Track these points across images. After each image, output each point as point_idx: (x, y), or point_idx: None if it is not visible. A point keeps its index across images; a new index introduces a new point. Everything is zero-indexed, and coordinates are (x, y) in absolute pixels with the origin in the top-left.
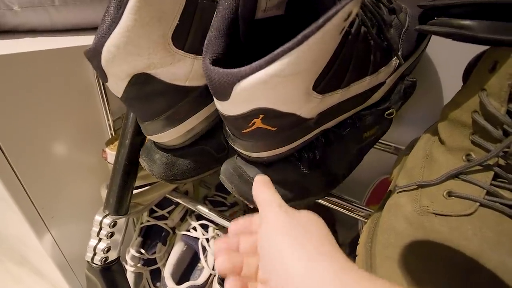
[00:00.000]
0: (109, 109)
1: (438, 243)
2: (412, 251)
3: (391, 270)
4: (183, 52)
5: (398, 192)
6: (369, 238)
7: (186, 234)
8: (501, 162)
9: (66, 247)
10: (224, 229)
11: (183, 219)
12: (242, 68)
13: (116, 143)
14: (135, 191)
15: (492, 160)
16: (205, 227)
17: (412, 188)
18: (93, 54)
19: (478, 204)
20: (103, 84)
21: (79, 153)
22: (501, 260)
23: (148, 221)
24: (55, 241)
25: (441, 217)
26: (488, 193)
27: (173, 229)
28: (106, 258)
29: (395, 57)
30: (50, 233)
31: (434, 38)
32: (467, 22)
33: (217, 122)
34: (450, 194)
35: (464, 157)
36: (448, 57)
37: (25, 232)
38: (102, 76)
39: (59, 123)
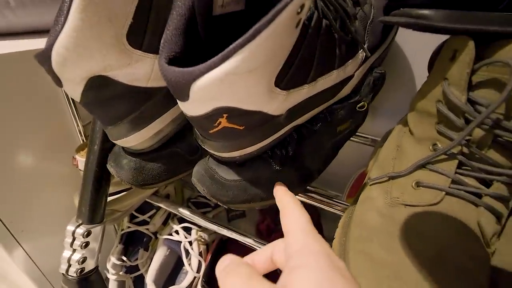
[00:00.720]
0: (78, 114)
1: (407, 234)
2: (383, 244)
3: (363, 264)
4: (141, 52)
5: (370, 185)
6: (343, 232)
7: (168, 238)
8: (465, 150)
9: (41, 260)
10: (207, 231)
11: (165, 223)
12: (197, 67)
13: (86, 149)
14: (111, 198)
15: (455, 148)
16: (187, 230)
17: (383, 180)
18: (43, 58)
19: (444, 193)
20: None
21: (48, 162)
22: (468, 247)
23: (129, 227)
24: (28, 255)
25: (410, 208)
26: (453, 181)
27: (155, 233)
28: (82, 269)
29: (362, 49)
30: (22, 247)
31: (404, 29)
32: (425, 12)
33: (187, 123)
34: (418, 184)
35: (431, 147)
36: (422, 48)
37: None
38: (55, 80)
39: (25, 132)
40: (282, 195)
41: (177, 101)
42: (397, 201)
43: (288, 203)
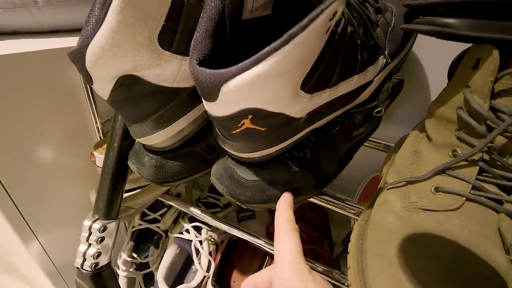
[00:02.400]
0: (97, 112)
1: (426, 238)
2: (401, 247)
3: (381, 267)
4: (169, 53)
5: (387, 189)
6: (360, 235)
7: (179, 237)
8: (486, 157)
9: (55, 253)
10: (217, 231)
11: (175, 222)
12: (229, 69)
13: (105, 146)
14: (125, 195)
15: (477, 155)
16: (198, 229)
17: (401, 185)
18: (77, 56)
19: (464, 198)
20: (90, 86)
21: (66, 157)
22: (487, 253)
23: (140, 224)
24: (43, 248)
25: (429, 213)
26: (474, 187)
27: (166, 232)
28: (97, 263)
29: (382, 56)
30: (38, 240)
31: (420, 36)
32: (449, 20)
33: (207, 123)
34: (437, 189)
35: (450, 153)
36: (436, 55)
37: (11, 239)
38: (87, 78)
39: (45, 127)
40: (281, 214)
41: (203, 101)
42: (415, 206)
43: (283, 227)
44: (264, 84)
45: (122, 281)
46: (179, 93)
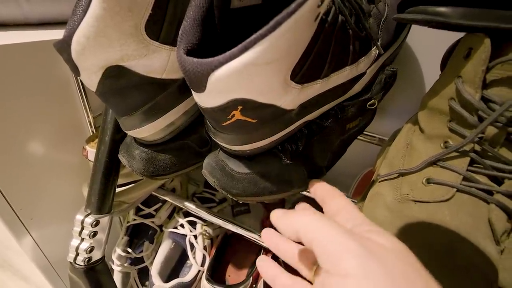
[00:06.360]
0: (89, 106)
1: (417, 229)
2: None
3: None
4: (158, 43)
5: (379, 182)
6: None
7: (173, 232)
8: (477, 148)
9: (48, 248)
10: (212, 225)
11: (170, 217)
12: (216, 58)
13: (97, 140)
14: (119, 189)
15: (468, 146)
16: (193, 224)
17: (393, 177)
18: (63, 46)
19: (455, 189)
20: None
21: (58, 152)
22: (477, 244)
23: (135, 219)
24: (36, 243)
25: (420, 204)
26: (465, 178)
27: (161, 227)
28: (90, 258)
29: (375, 47)
30: (30, 234)
31: (414, 28)
32: (441, 9)
33: (199, 115)
34: (429, 181)
35: (442, 144)
36: (430, 47)
37: (4, 234)
38: (73, 69)
39: (36, 121)
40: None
41: (192, 92)
42: (406, 197)
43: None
44: (252, 73)
45: (116, 276)
46: (168, 84)
